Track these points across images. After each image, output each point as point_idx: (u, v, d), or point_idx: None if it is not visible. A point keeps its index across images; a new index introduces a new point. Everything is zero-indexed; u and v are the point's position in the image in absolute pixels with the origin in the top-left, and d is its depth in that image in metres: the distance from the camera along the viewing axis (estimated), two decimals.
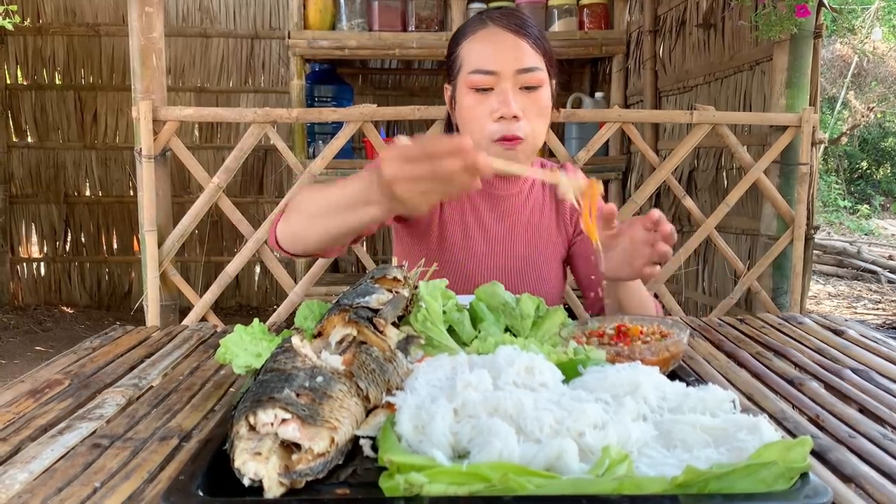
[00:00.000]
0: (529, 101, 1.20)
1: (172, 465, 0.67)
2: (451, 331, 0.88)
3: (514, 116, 1.18)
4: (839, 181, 9.81)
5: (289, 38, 3.29)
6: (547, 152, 2.75)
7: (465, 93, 1.22)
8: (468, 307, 0.93)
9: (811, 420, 0.78)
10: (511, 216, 1.33)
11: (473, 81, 1.20)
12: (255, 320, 0.91)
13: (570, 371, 0.73)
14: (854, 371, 0.95)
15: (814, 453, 0.68)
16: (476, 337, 0.88)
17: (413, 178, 0.78)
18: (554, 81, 1.27)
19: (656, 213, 0.97)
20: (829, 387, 0.89)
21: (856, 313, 4.75)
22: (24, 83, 4.62)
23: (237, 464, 0.57)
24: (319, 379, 0.65)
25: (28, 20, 4.48)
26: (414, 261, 0.97)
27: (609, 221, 1.00)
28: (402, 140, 0.79)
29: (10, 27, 2.82)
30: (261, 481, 0.56)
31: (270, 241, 1.14)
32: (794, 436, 0.73)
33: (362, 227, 0.96)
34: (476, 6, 3.35)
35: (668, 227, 0.96)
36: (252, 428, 0.60)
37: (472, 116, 1.21)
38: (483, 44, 1.20)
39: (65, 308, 4.70)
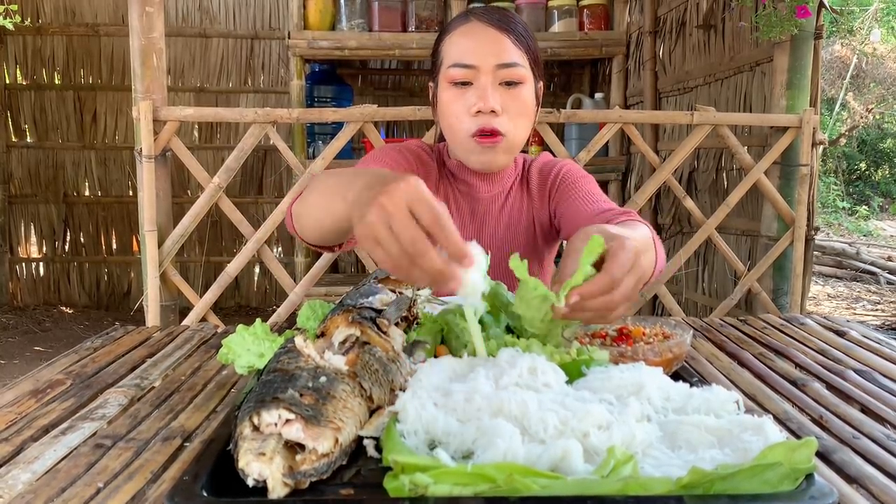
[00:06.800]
0: (509, 98, 1.17)
1: (176, 465, 0.67)
2: (449, 332, 0.87)
3: (493, 111, 1.15)
4: (838, 182, 9.81)
5: (289, 38, 3.29)
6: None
7: (445, 88, 1.20)
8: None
9: (814, 421, 0.78)
10: (483, 217, 1.30)
11: (452, 75, 1.18)
12: (258, 320, 0.91)
13: (573, 372, 0.73)
14: (857, 372, 0.95)
15: (818, 454, 0.68)
16: None
17: (388, 236, 0.67)
18: (540, 83, 1.25)
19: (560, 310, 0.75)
20: (831, 387, 0.89)
21: (855, 314, 4.76)
22: (24, 83, 4.61)
23: (241, 464, 0.57)
24: (323, 379, 0.65)
25: (28, 20, 4.48)
26: None
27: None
28: (421, 190, 0.68)
29: (10, 27, 2.82)
30: (265, 482, 0.56)
31: (288, 225, 1.08)
32: (797, 436, 0.73)
33: (336, 225, 0.86)
34: (477, 6, 3.35)
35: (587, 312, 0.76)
36: (256, 428, 0.60)
37: (451, 112, 1.19)
38: (464, 38, 1.19)
39: (64, 308, 4.70)
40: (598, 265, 0.77)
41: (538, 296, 0.75)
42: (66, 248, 4.73)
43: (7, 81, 4.59)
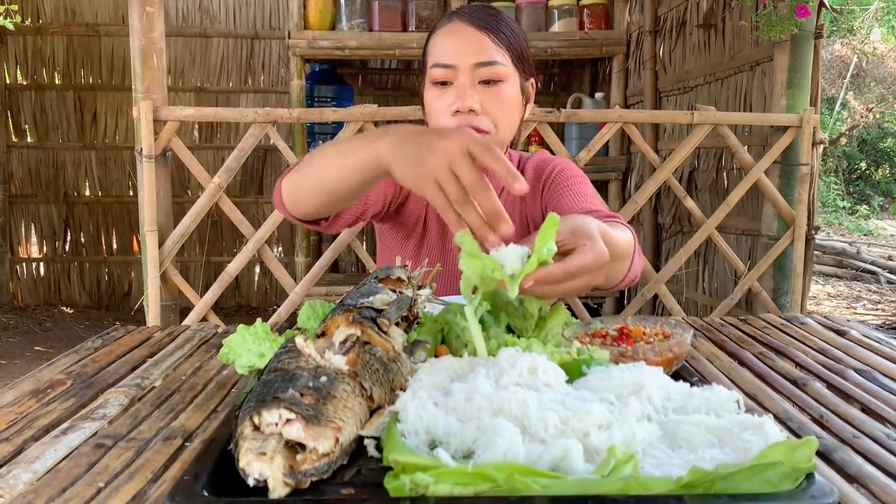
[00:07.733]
0: (489, 96, 1.18)
1: (176, 465, 0.67)
2: (449, 332, 0.87)
3: (471, 110, 1.16)
4: (838, 182, 9.81)
5: (289, 38, 3.29)
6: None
7: (429, 88, 1.22)
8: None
9: (815, 420, 0.78)
10: None
11: (434, 75, 1.19)
12: (258, 320, 0.91)
13: (573, 371, 0.73)
14: (857, 371, 0.95)
15: (818, 454, 0.68)
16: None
17: (448, 176, 0.75)
18: (529, 80, 1.26)
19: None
20: (832, 387, 0.89)
21: (855, 314, 4.76)
22: (24, 83, 4.61)
23: (242, 464, 0.57)
24: (323, 379, 0.65)
25: (28, 20, 4.48)
26: (394, 261, 0.95)
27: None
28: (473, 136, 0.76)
29: (10, 27, 2.82)
30: (266, 481, 0.56)
31: (276, 200, 1.12)
32: (798, 436, 0.73)
33: (353, 180, 0.93)
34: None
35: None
36: (256, 428, 0.60)
37: (433, 111, 1.21)
38: (446, 38, 1.20)
39: (64, 308, 4.70)
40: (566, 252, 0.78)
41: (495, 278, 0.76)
42: (67, 248, 4.73)
43: (7, 81, 4.59)
